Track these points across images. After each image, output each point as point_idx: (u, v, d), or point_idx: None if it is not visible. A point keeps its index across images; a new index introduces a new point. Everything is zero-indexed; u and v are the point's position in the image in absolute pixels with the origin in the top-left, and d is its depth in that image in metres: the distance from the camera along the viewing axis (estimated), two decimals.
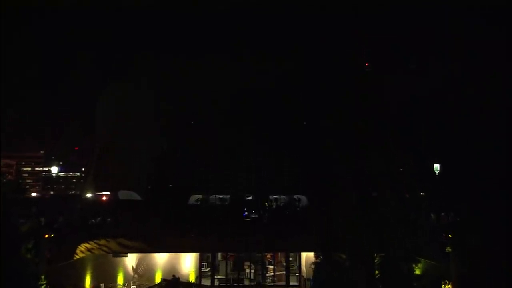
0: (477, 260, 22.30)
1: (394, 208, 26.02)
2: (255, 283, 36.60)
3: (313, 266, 25.98)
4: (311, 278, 30.70)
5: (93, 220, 32.17)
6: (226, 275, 37.08)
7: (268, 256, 38.24)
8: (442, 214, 30.13)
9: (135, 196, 45.41)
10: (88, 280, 31.39)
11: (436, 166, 32.01)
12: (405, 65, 45.56)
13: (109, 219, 32.41)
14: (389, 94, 40.87)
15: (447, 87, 39.69)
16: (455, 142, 34.02)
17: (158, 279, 35.61)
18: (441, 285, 26.44)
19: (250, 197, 41.66)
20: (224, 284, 36.55)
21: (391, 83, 41.91)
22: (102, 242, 30.99)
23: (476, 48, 40.83)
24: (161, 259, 36.98)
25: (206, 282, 36.56)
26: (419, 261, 23.08)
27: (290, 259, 37.64)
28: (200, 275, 36.84)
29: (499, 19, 39.87)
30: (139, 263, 37.03)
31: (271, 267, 38.04)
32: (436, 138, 36.98)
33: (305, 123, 45.87)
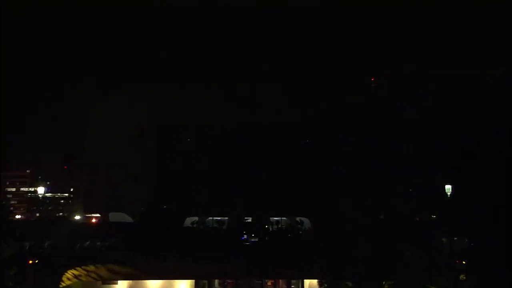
0: None
1: (404, 232, 25.75)
2: None
3: None
4: None
5: (81, 244, 31.65)
6: None
7: (269, 283, 37.57)
8: (455, 238, 29.71)
9: (127, 218, 45.03)
10: None
11: (448, 187, 31.65)
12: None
13: (98, 243, 31.97)
14: (397, 112, 41.24)
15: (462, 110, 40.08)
16: (468, 162, 33.86)
17: None
18: None
19: (249, 219, 41.30)
20: None
21: (398, 103, 42.37)
22: (91, 268, 30.41)
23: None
24: (154, 286, 36.23)
25: None
26: None
27: (292, 286, 36.95)
28: None
29: None
30: None
31: None
32: (448, 158, 36.89)
33: (307, 141, 45.77)
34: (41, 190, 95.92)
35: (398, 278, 23.98)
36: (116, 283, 34.33)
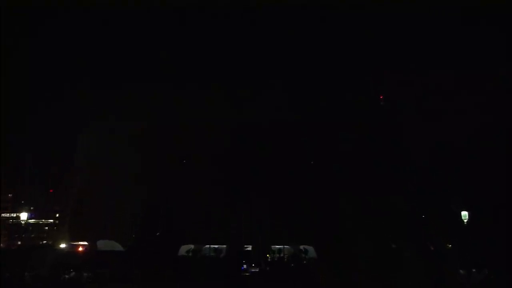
0: None
1: (416, 263, 25.01)
2: None
3: None
4: None
5: (66, 276, 30.66)
6: None
7: None
8: (473, 270, 28.76)
9: (117, 246, 44.08)
10: None
11: (465, 214, 30.79)
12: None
13: (85, 273, 31.02)
14: (410, 137, 40.94)
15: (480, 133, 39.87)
16: (485, 187, 33.18)
17: None
18: None
19: (249, 248, 40.45)
20: None
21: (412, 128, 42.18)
22: None
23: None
24: None
25: None
26: None
27: None
28: None
29: None
30: None
31: None
32: (465, 183, 36.22)
33: (312, 162, 45.22)
34: (24, 216, 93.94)
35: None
36: None
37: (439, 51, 46.55)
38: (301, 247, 39.12)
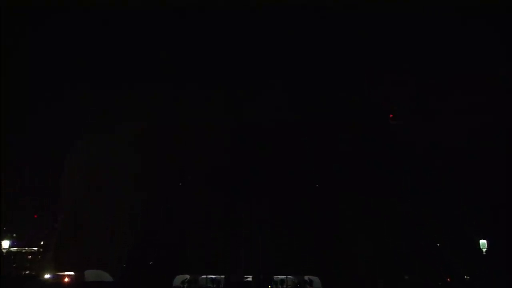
0: None
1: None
2: None
3: None
4: None
5: None
6: None
7: None
8: None
9: (106, 277, 42.57)
10: None
11: (483, 243, 29.68)
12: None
13: None
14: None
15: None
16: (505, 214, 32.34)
17: None
18: None
19: (249, 278, 39.39)
20: None
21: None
22: None
23: None
24: None
25: None
26: None
27: None
28: None
29: None
30: None
31: None
32: (483, 211, 35.42)
33: (317, 185, 44.54)
34: (5, 244, 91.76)
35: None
36: None
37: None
38: (306, 277, 37.97)
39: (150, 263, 42.74)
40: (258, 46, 48.13)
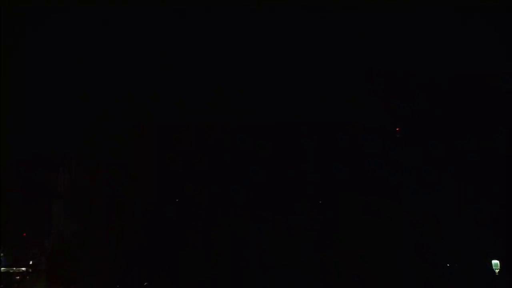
0: None
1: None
2: None
3: None
4: None
5: None
6: None
7: None
8: None
9: None
10: None
11: (496, 263, 28.78)
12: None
13: None
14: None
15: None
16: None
17: None
18: None
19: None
20: None
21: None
22: None
23: None
24: None
25: None
26: None
27: None
28: None
29: None
30: None
31: None
32: (495, 226, 34.63)
33: (320, 202, 43.84)
34: None
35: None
36: None
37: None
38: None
39: (146, 284, 41.66)
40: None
